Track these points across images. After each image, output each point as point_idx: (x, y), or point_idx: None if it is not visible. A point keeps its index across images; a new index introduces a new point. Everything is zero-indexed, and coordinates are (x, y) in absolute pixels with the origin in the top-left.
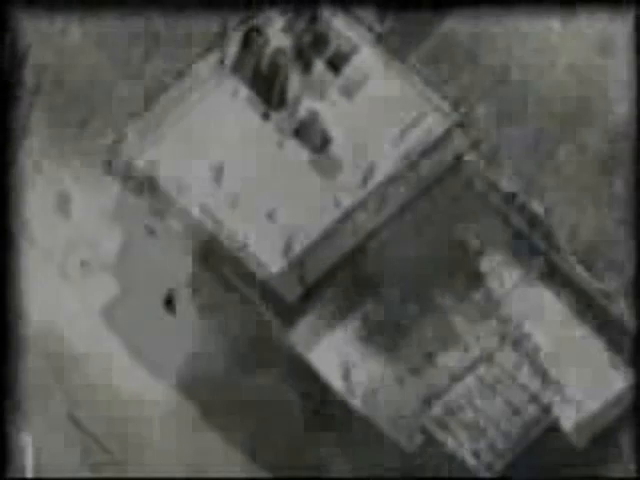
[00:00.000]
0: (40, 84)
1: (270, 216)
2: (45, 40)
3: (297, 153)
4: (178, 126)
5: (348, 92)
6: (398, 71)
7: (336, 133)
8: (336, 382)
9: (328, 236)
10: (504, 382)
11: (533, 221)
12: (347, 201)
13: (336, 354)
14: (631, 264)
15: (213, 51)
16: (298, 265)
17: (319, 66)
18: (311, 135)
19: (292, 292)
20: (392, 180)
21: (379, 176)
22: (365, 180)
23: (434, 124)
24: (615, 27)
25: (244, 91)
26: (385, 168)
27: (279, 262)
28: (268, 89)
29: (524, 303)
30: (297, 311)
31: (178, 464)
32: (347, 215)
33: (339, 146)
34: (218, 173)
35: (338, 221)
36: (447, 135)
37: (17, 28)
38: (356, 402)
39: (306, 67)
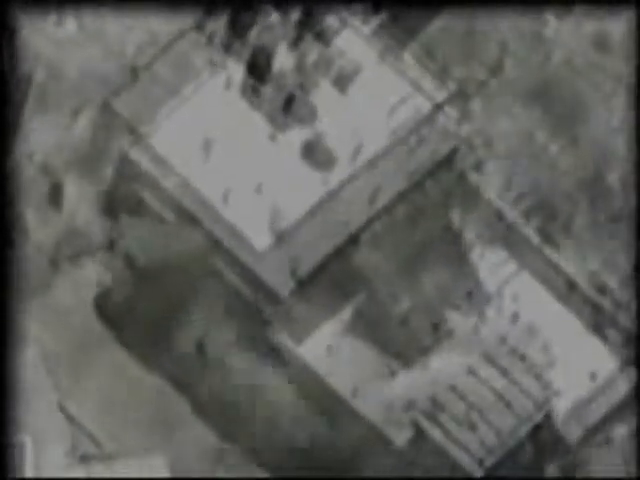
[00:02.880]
0: (34, 74)
1: (257, 192)
2: (40, 31)
3: (289, 146)
4: (173, 116)
5: (341, 84)
6: (392, 62)
7: (329, 126)
8: (327, 375)
9: (315, 214)
10: (496, 377)
11: (526, 214)
12: (335, 179)
13: (327, 347)
14: (626, 258)
15: (199, 28)
16: (290, 258)
17: (308, 39)
18: (299, 108)
19: (285, 286)
20: (381, 157)
21: (368, 152)
22: (354, 156)
23: (421, 102)
24: (611, 22)
25: (237, 83)
26: (374, 145)
27: (265, 240)
28: (259, 66)
29: (517, 296)
30: (289, 304)
31: None
32: (335, 192)
33: (331, 137)
34: (207, 149)
35: (326, 198)
36: (434, 112)
37: (14, 20)
38: (347, 396)
39: (295, 41)
